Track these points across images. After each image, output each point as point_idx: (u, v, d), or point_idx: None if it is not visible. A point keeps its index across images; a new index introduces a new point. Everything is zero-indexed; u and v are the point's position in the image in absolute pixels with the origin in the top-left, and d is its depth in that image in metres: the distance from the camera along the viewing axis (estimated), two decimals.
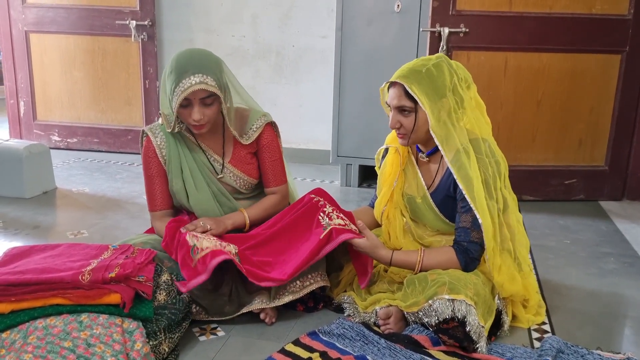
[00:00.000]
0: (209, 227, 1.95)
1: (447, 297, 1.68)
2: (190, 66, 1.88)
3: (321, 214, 1.89)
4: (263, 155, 2.13)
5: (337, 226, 1.84)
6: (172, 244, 1.89)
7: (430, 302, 1.71)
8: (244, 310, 1.87)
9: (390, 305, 1.84)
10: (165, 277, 1.78)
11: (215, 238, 1.88)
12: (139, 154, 4.19)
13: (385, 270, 2.02)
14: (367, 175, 3.72)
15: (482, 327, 1.70)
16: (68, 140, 4.41)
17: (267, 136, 2.11)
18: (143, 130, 2.10)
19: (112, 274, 1.60)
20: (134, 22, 4.07)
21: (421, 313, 1.74)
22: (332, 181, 3.76)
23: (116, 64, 4.24)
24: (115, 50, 4.22)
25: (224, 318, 1.88)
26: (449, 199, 1.89)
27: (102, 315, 1.56)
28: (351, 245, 1.87)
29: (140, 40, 4.13)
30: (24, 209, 3.03)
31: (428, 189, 1.95)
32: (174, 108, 1.91)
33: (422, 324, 1.80)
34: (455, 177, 1.80)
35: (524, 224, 1.99)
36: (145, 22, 4.08)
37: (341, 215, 1.91)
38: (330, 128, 3.62)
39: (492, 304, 1.79)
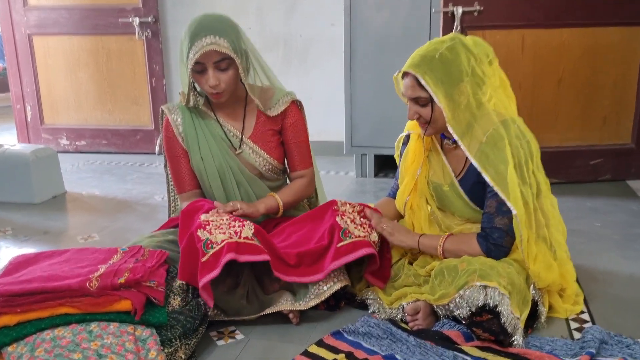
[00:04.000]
0: (238, 206, 1.85)
1: (478, 284, 1.58)
2: (202, 29, 1.80)
3: (339, 217, 1.81)
4: (288, 136, 2.04)
5: (358, 239, 1.77)
6: (185, 233, 1.76)
7: (461, 292, 1.60)
8: (268, 311, 1.77)
9: (418, 300, 1.74)
10: (180, 281, 1.68)
11: (229, 223, 1.73)
12: (149, 153, 4.19)
13: (410, 263, 1.92)
14: (383, 165, 3.61)
15: (518, 318, 1.59)
16: (77, 143, 4.34)
17: (293, 115, 2.03)
18: (161, 109, 2.04)
19: (122, 280, 1.50)
20: (137, 19, 3.98)
21: (452, 305, 1.63)
22: (347, 172, 3.65)
23: (121, 63, 4.16)
24: (119, 49, 4.14)
25: (244, 318, 1.78)
26: (478, 185, 1.76)
27: (112, 324, 1.47)
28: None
29: (144, 38, 4.04)
30: (34, 215, 2.95)
31: (456, 176, 1.83)
32: (188, 74, 1.84)
33: (454, 318, 1.69)
34: (481, 172, 1.69)
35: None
36: (149, 19, 3.99)
37: (360, 224, 1.83)
38: (342, 118, 3.50)
39: (527, 294, 1.67)
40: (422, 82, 1.67)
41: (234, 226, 1.73)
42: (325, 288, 1.78)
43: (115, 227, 2.76)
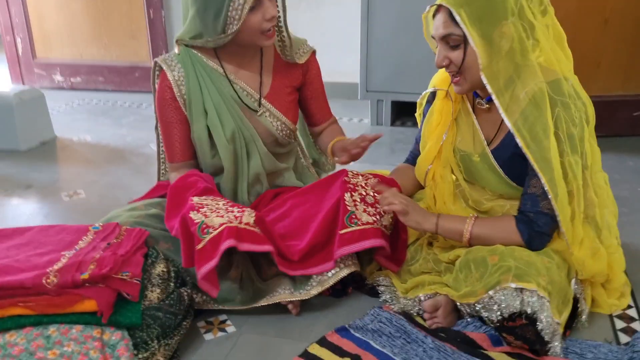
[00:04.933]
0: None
1: (513, 285, 1.32)
2: None
3: (349, 193, 1.54)
4: (311, 90, 1.81)
5: (365, 226, 1.50)
6: (174, 213, 1.53)
7: (491, 292, 1.35)
8: (264, 302, 1.53)
9: (438, 294, 1.49)
10: (160, 268, 1.44)
11: (226, 208, 1.50)
12: (147, 92, 3.88)
13: (430, 244, 1.65)
14: (401, 112, 3.28)
15: (557, 323, 1.34)
16: (72, 79, 4.04)
17: (314, 66, 1.80)
18: (156, 62, 1.69)
19: (85, 275, 1.26)
20: None
21: (479, 306, 1.38)
22: (360, 119, 3.33)
23: None
24: None
25: (237, 307, 1.55)
26: (517, 157, 1.46)
27: (75, 327, 1.23)
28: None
29: None
30: (18, 164, 2.71)
31: (489, 144, 1.53)
32: (242, 17, 1.51)
33: (480, 317, 1.45)
34: (521, 146, 1.40)
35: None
36: None
37: (369, 207, 1.55)
38: (358, 58, 3.15)
39: (568, 291, 1.42)
40: (457, 17, 1.36)
41: (232, 211, 1.49)
42: (329, 274, 1.53)
43: (105, 181, 2.52)
